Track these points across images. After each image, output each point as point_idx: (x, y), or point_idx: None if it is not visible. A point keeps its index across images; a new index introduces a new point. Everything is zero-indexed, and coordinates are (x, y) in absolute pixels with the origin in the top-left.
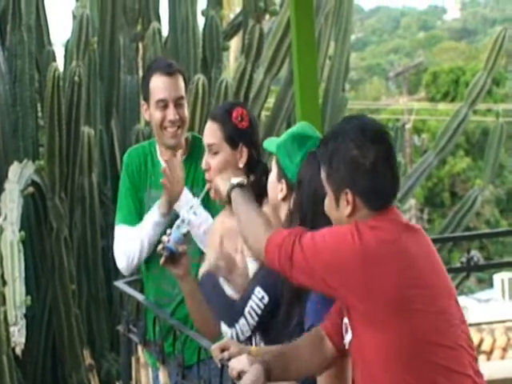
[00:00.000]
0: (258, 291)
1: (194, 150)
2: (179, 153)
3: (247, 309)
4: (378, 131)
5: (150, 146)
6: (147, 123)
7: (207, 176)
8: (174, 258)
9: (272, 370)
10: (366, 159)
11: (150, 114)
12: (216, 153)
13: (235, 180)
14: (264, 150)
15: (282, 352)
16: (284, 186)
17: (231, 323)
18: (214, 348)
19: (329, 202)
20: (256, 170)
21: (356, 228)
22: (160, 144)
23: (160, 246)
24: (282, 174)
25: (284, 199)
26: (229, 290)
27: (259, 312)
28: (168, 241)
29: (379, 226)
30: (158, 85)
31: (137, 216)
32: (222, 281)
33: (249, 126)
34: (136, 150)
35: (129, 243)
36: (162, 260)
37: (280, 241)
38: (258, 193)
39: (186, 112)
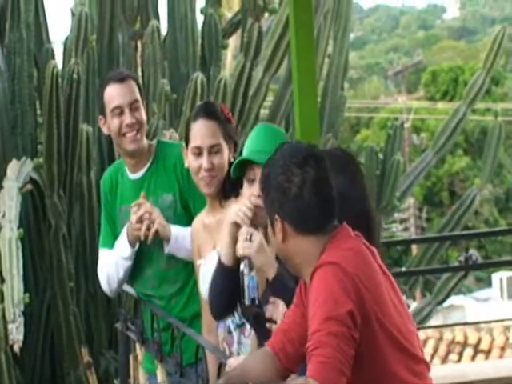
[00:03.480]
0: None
1: (159, 157)
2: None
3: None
4: (308, 156)
5: (121, 164)
6: (109, 136)
7: (212, 174)
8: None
9: None
10: (291, 184)
11: (108, 124)
12: (217, 152)
13: None
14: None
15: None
16: None
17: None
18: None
19: (269, 228)
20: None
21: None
22: (123, 154)
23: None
24: None
25: None
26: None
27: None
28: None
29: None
30: (111, 93)
31: (113, 238)
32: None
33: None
34: (108, 172)
35: (106, 267)
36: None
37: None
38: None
39: (143, 115)
